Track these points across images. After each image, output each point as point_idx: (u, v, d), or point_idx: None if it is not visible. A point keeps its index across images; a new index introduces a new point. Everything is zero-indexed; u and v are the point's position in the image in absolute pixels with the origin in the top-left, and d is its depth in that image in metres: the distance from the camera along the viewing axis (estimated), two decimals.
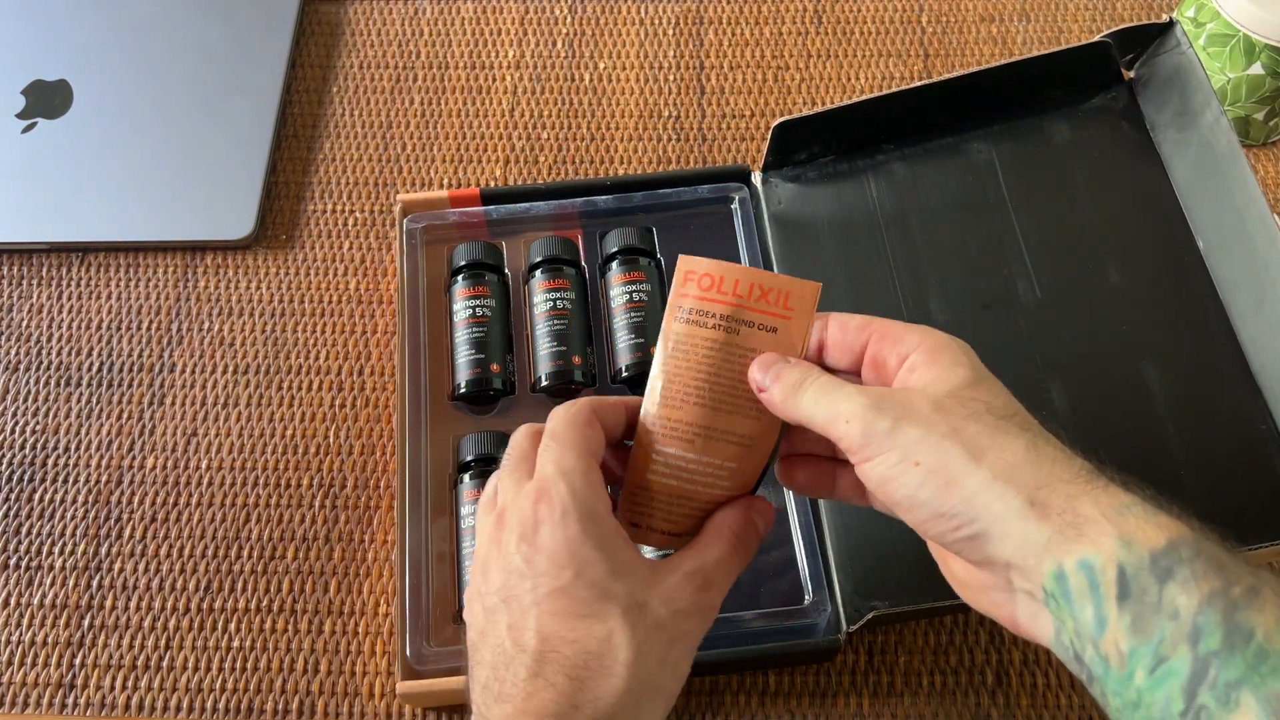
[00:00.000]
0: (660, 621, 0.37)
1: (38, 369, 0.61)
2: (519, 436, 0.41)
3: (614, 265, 0.59)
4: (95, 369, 0.61)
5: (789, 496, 0.53)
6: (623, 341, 0.57)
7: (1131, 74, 0.59)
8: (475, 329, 0.57)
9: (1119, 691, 0.31)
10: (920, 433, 0.35)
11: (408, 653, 0.50)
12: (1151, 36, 0.56)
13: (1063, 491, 0.33)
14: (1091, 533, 0.32)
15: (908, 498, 0.35)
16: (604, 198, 0.61)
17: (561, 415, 0.40)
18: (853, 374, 0.40)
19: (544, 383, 0.56)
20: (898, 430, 0.35)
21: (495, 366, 0.56)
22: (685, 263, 0.41)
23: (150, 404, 0.60)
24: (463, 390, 0.56)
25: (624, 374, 0.56)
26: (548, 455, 0.38)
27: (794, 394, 0.38)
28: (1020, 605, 0.36)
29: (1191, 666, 0.30)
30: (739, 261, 0.59)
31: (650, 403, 0.40)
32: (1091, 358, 0.52)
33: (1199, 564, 0.31)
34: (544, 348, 0.56)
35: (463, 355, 0.56)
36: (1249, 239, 0.50)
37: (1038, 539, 0.33)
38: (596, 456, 0.39)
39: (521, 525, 0.37)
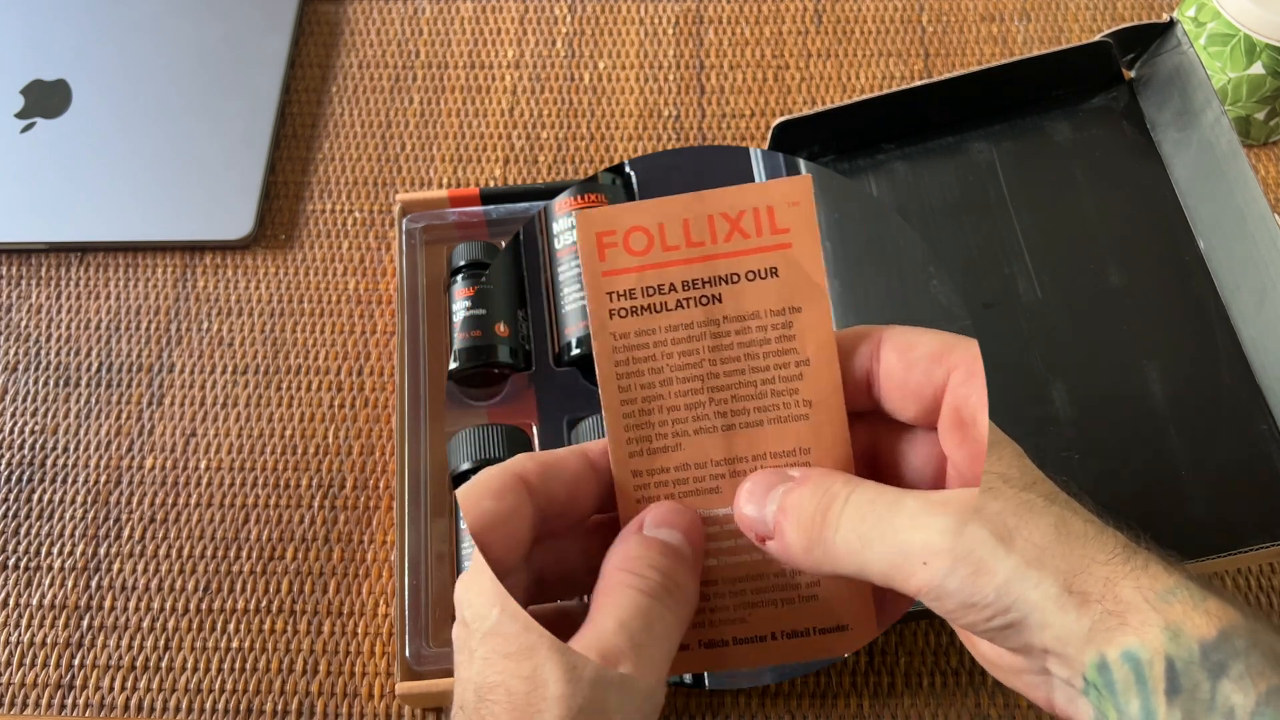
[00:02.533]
0: None
1: (36, 369, 0.61)
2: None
3: None
4: (94, 369, 0.61)
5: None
6: None
7: (1132, 73, 0.59)
8: (475, 306, 0.53)
9: None
10: (941, 521, 0.29)
11: (407, 653, 0.50)
12: (1152, 36, 0.56)
13: (1100, 575, 0.30)
14: (1135, 621, 0.29)
15: (935, 588, 0.30)
16: None
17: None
18: (922, 426, 0.32)
19: (574, 351, 0.44)
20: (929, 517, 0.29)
21: (501, 328, 0.45)
22: (592, 222, 0.26)
23: (149, 404, 0.60)
24: (457, 363, 0.48)
25: None
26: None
27: (823, 533, 0.28)
28: (1058, 690, 0.33)
29: None
30: None
31: (618, 455, 0.26)
32: (1092, 357, 0.52)
33: (1254, 657, 0.28)
34: (570, 305, 0.45)
35: (460, 317, 0.48)
36: (1250, 239, 0.50)
37: (1078, 628, 0.30)
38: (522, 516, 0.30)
39: (464, 579, 0.33)
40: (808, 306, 0.27)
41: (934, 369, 0.30)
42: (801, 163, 0.58)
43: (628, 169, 0.59)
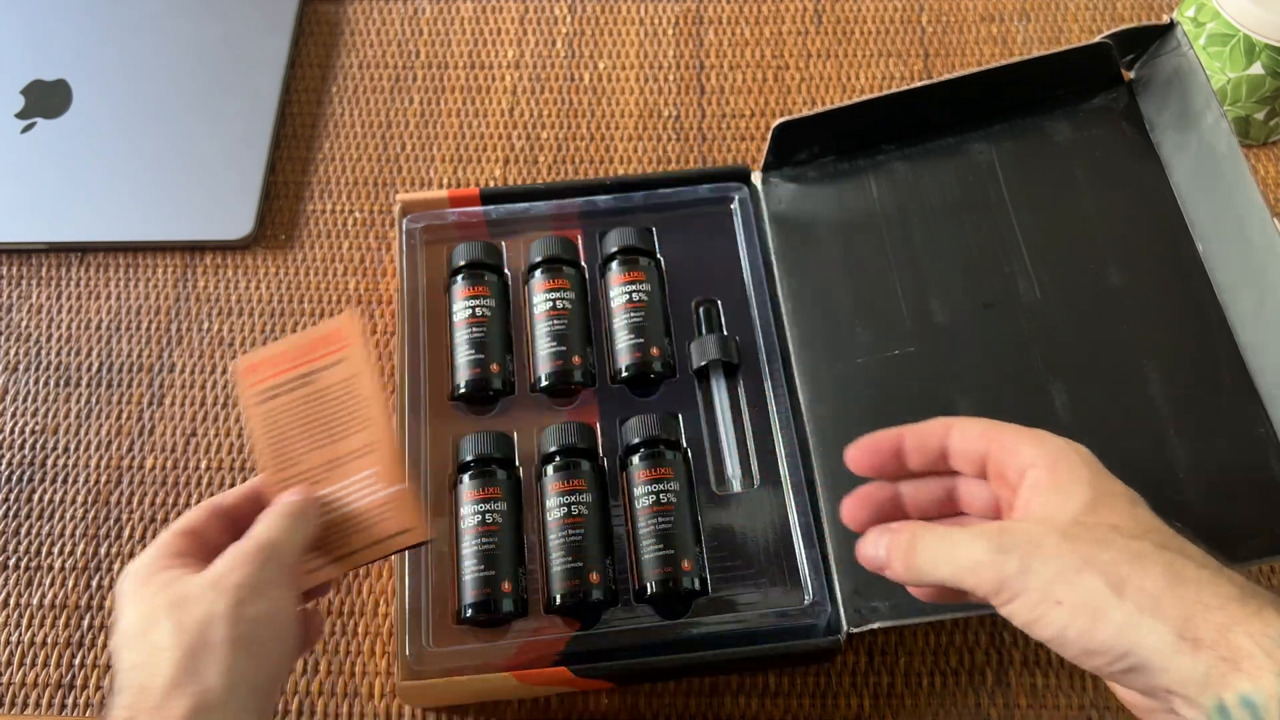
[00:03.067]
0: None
1: (37, 369, 0.61)
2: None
3: (614, 265, 0.59)
4: (94, 369, 0.61)
5: (789, 498, 0.53)
6: (623, 341, 0.57)
7: (1132, 75, 0.59)
8: (475, 329, 0.57)
9: None
10: (1054, 570, 0.34)
11: (407, 653, 0.50)
12: (1152, 38, 0.56)
13: (1213, 622, 0.32)
14: (1249, 667, 0.31)
15: (1056, 636, 0.34)
16: (604, 197, 0.61)
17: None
18: (981, 478, 0.40)
19: (544, 382, 0.56)
20: (1029, 570, 0.34)
21: (495, 366, 0.56)
22: (239, 365, 0.47)
23: (150, 404, 0.60)
24: (463, 390, 0.56)
25: (624, 374, 0.56)
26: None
27: (911, 558, 0.37)
28: None
29: None
30: (739, 262, 0.59)
31: (271, 474, 0.45)
32: (1091, 358, 0.52)
33: None
34: (544, 347, 0.56)
35: (462, 355, 0.56)
36: (1248, 241, 0.50)
37: (1194, 672, 0.32)
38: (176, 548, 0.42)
39: None
40: (359, 377, 0.46)
41: (979, 443, 0.39)
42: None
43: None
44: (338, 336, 0.47)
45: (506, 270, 0.60)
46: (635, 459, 0.53)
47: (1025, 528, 0.35)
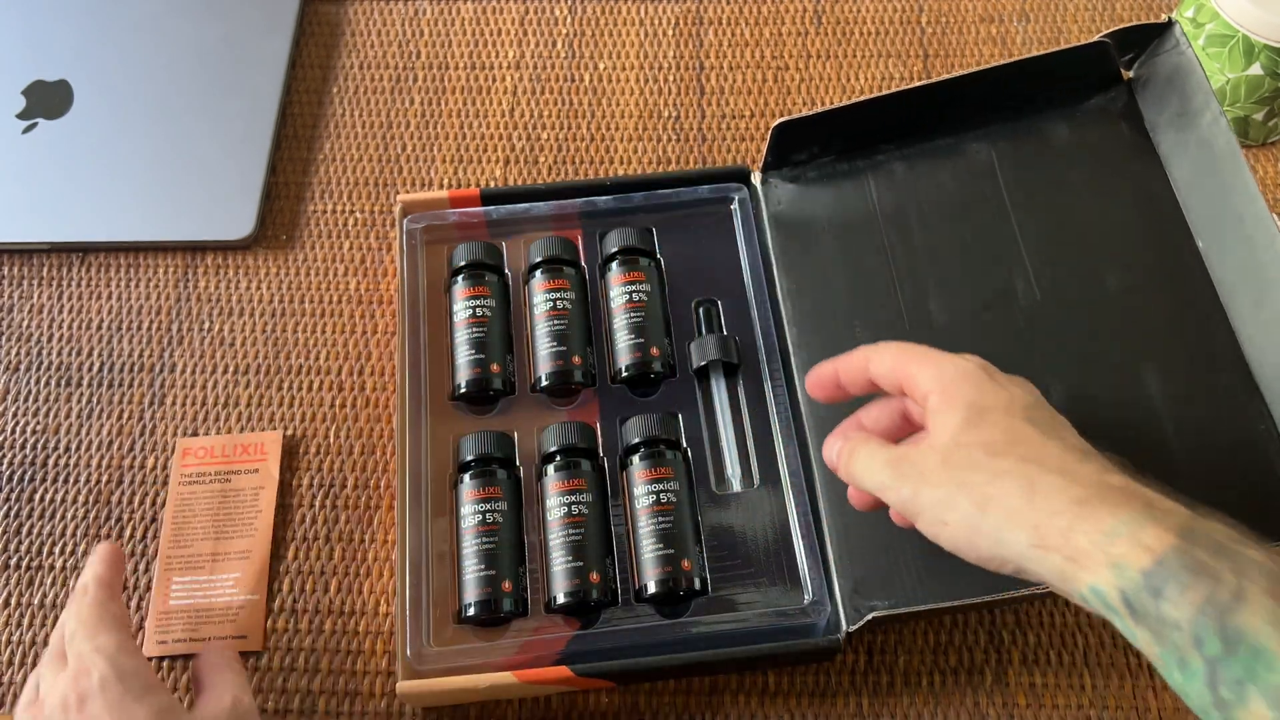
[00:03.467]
0: None
1: (38, 369, 0.61)
2: (55, 634, 0.46)
3: (614, 265, 0.59)
4: (95, 369, 0.61)
5: (789, 498, 0.53)
6: (623, 341, 0.57)
7: (1130, 74, 0.59)
8: (475, 329, 0.57)
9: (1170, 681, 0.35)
10: (937, 496, 0.39)
11: (408, 652, 0.50)
12: (1151, 37, 0.56)
13: (1057, 527, 0.36)
14: (1089, 564, 0.35)
15: (952, 550, 0.40)
16: (604, 198, 0.61)
17: (77, 609, 0.45)
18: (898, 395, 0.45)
19: (544, 383, 0.56)
20: (919, 495, 0.40)
21: (495, 366, 0.56)
22: (179, 444, 0.58)
23: (150, 404, 0.60)
24: (463, 390, 0.56)
25: (624, 374, 0.56)
26: (77, 642, 0.43)
27: (850, 467, 0.43)
28: None
29: (1205, 668, 0.33)
30: (739, 262, 0.59)
31: (165, 545, 0.55)
32: (1090, 357, 0.52)
33: (1185, 576, 0.34)
34: (544, 348, 0.57)
35: (463, 355, 0.56)
36: (1248, 239, 0.50)
37: (1052, 572, 0.37)
38: (128, 625, 0.46)
39: (64, 706, 0.41)
40: (265, 490, 0.57)
41: (894, 376, 0.43)
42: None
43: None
44: (262, 448, 0.58)
45: (507, 270, 0.60)
46: (635, 459, 0.54)
47: (917, 454, 0.40)
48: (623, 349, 0.57)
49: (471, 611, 0.50)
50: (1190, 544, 0.34)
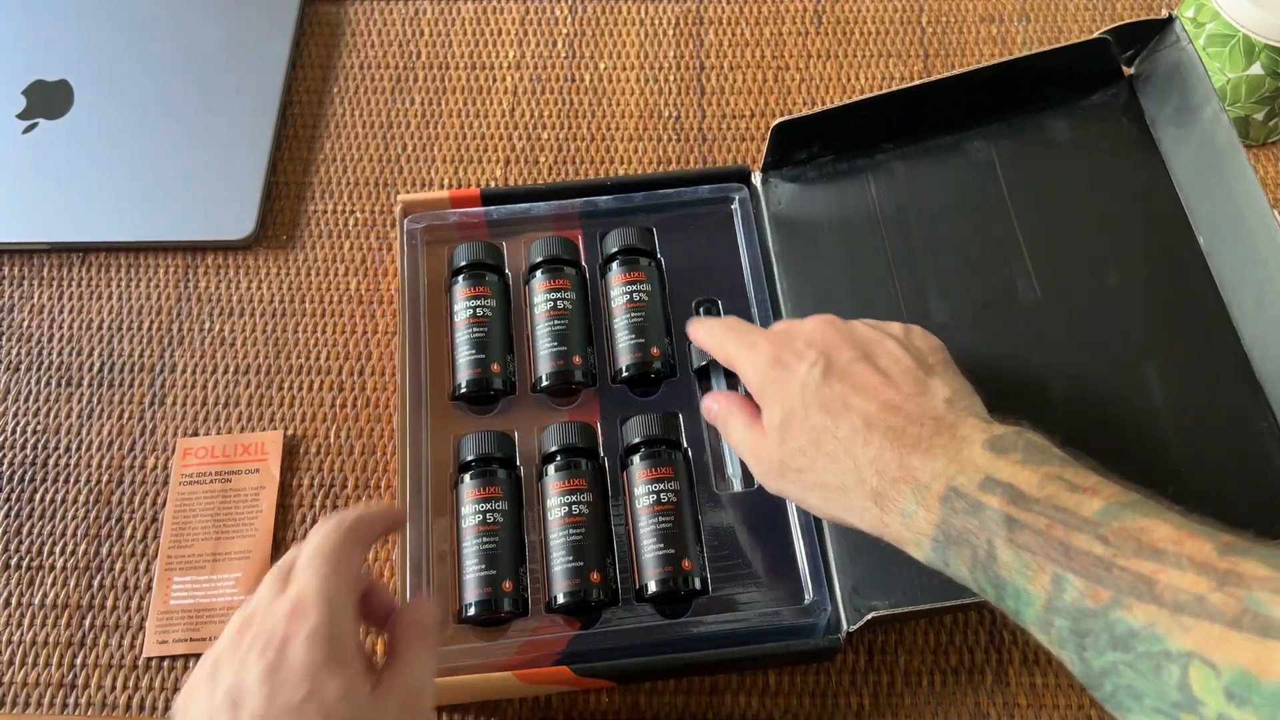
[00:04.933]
0: None
1: (38, 369, 0.61)
2: (293, 552, 0.42)
3: (614, 265, 0.59)
4: (96, 369, 0.61)
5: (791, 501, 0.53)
6: (623, 341, 0.57)
7: (1131, 70, 0.59)
8: (476, 329, 0.57)
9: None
10: (779, 488, 0.46)
11: None
12: (1151, 32, 0.56)
13: (875, 518, 0.42)
14: (910, 545, 0.41)
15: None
16: (604, 198, 0.61)
17: (327, 536, 0.40)
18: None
19: (544, 383, 0.56)
20: (769, 485, 0.47)
21: (496, 366, 0.56)
22: (179, 443, 0.58)
23: (151, 404, 0.60)
24: (463, 390, 0.56)
25: (624, 374, 0.56)
26: (308, 574, 0.39)
27: (726, 435, 0.50)
28: None
29: (1008, 614, 0.38)
30: (739, 262, 0.59)
31: (165, 545, 0.55)
32: (1091, 355, 0.52)
33: (953, 548, 0.38)
34: (544, 348, 0.57)
35: (463, 355, 0.56)
36: (1249, 235, 0.50)
37: (898, 535, 0.41)
38: (358, 582, 0.40)
39: (269, 635, 0.38)
40: (266, 490, 0.57)
41: (723, 359, 0.50)
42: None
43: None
44: (262, 448, 0.58)
45: (507, 270, 0.60)
46: (636, 458, 0.54)
47: (761, 450, 0.46)
48: (623, 349, 0.57)
49: (472, 611, 0.50)
50: (949, 514, 0.38)
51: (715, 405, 0.50)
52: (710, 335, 0.50)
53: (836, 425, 0.42)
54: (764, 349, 0.46)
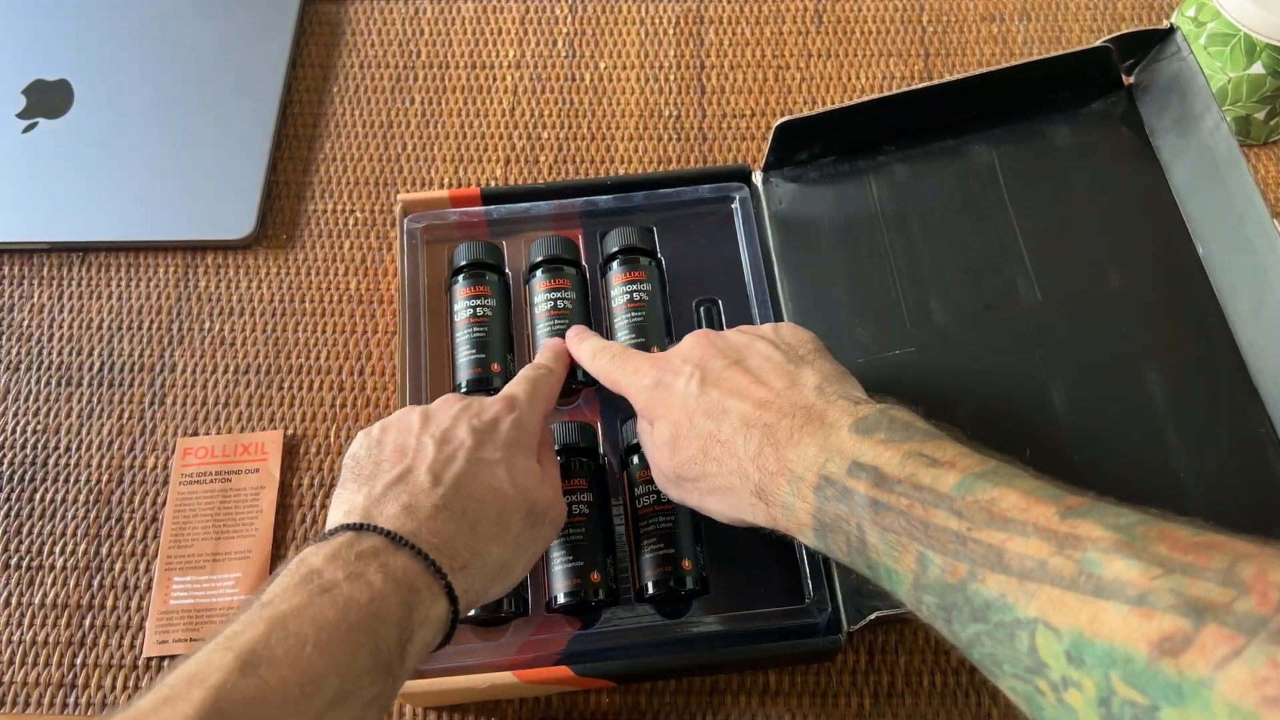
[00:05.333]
0: (534, 525, 0.46)
1: (38, 369, 0.61)
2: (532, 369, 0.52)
3: (615, 265, 0.59)
4: (96, 369, 0.61)
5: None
6: (623, 340, 0.57)
7: (1132, 79, 0.59)
8: (476, 328, 0.57)
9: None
10: (676, 495, 0.48)
11: None
12: (1152, 42, 0.56)
13: (765, 516, 0.43)
14: (791, 523, 0.42)
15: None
16: (604, 197, 0.61)
17: (535, 374, 0.52)
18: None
19: None
20: (667, 491, 0.49)
21: (496, 366, 0.56)
22: (179, 443, 0.58)
23: (151, 404, 0.60)
24: (463, 389, 0.56)
25: None
26: (522, 386, 0.50)
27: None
28: None
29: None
30: (739, 262, 0.59)
31: (165, 545, 0.56)
32: (1091, 359, 0.52)
33: (829, 535, 0.39)
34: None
35: (463, 354, 0.56)
36: (1248, 244, 0.50)
37: (787, 524, 0.42)
38: (548, 408, 0.51)
39: (480, 410, 0.47)
40: (266, 490, 0.57)
41: (610, 385, 0.51)
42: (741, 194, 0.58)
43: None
44: (262, 447, 0.58)
45: (507, 270, 0.60)
46: (636, 458, 0.54)
47: (656, 464, 0.48)
48: None
49: (472, 611, 0.50)
50: (823, 502, 0.39)
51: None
52: (595, 362, 0.51)
53: (719, 429, 0.43)
54: (646, 373, 0.48)
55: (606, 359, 0.51)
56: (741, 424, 0.43)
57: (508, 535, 0.44)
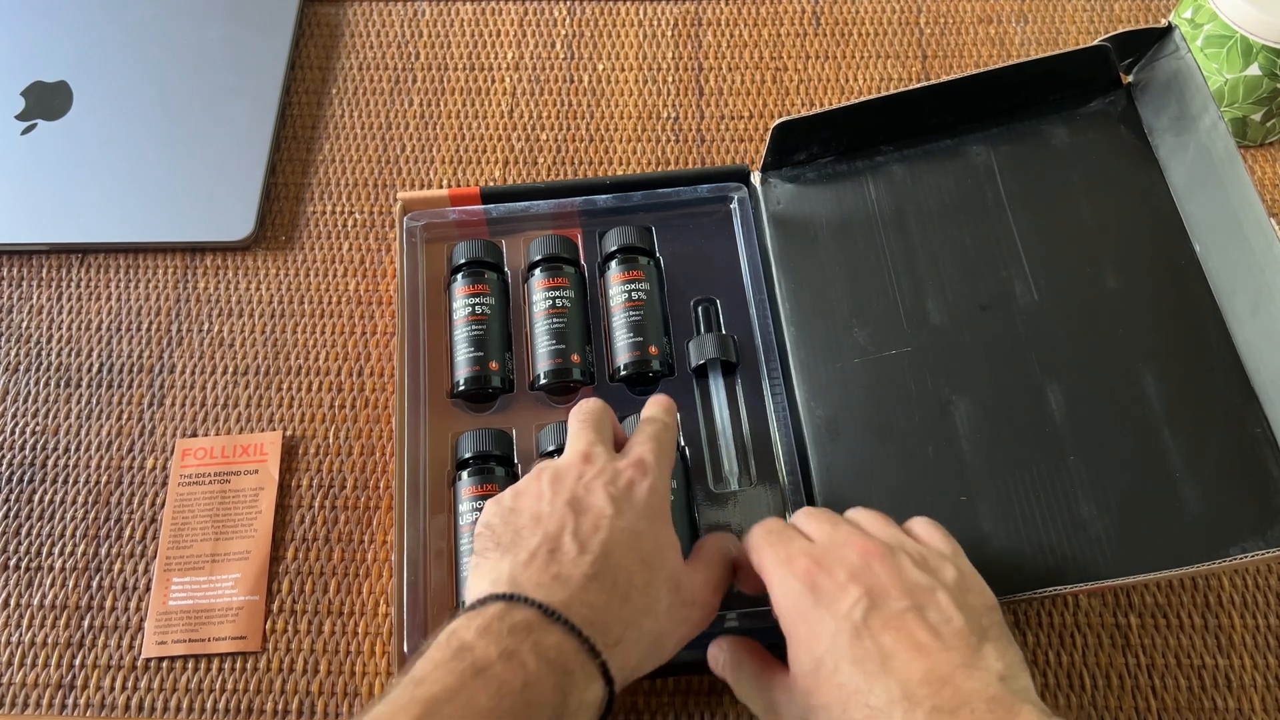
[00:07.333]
0: (683, 603, 0.43)
1: (38, 370, 0.61)
2: (599, 412, 0.49)
3: (613, 264, 0.59)
4: (95, 370, 0.61)
5: (786, 494, 0.53)
6: (621, 340, 0.57)
7: (1130, 78, 0.59)
8: (474, 327, 0.57)
9: None
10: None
11: (406, 650, 0.50)
12: (1150, 41, 0.57)
13: None
14: None
15: None
16: (604, 197, 0.61)
17: (659, 432, 0.48)
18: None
19: (542, 381, 0.56)
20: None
21: (494, 364, 0.56)
22: (178, 444, 0.58)
23: (150, 405, 0.60)
24: (462, 387, 0.56)
25: (622, 372, 0.56)
26: (648, 446, 0.47)
27: (736, 687, 0.47)
28: None
29: None
30: (738, 262, 0.60)
31: (164, 546, 0.55)
32: (1088, 360, 0.52)
33: None
34: (543, 346, 0.57)
35: (462, 353, 0.57)
36: (1245, 243, 0.50)
37: None
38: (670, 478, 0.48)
39: (615, 475, 0.45)
40: (265, 491, 0.57)
41: (752, 554, 0.45)
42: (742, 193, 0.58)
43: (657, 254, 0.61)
44: (262, 448, 0.58)
45: (506, 268, 0.60)
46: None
47: (774, 706, 0.44)
48: (621, 347, 0.57)
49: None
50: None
51: (721, 654, 0.47)
52: (749, 537, 0.46)
53: (870, 689, 0.38)
54: (799, 567, 0.42)
55: (760, 532, 0.45)
56: (903, 696, 0.37)
57: (658, 607, 0.42)
